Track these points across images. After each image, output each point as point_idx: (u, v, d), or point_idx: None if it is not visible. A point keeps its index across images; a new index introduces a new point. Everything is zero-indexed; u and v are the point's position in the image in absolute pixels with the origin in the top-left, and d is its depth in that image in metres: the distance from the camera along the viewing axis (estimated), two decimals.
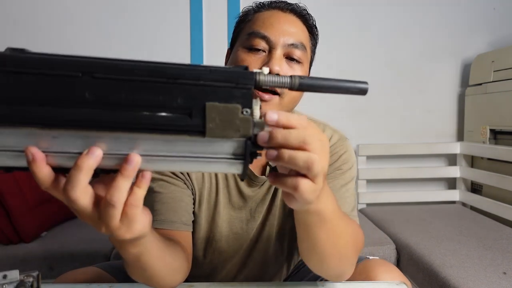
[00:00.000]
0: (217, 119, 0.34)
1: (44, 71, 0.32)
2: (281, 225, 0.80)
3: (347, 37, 2.14)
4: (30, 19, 1.96)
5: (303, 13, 0.74)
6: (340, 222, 0.55)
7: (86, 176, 0.35)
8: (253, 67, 0.69)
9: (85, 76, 0.32)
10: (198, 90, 0.34)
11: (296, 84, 0.38)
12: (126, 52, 2.01)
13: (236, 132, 0.35)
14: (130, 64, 0.34)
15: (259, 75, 0.36)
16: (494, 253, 1.34)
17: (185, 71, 0.34)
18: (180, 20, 2.05)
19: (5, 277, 0.47)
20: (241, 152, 0.36)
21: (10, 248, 1.47)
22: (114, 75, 0.33)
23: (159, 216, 0.70)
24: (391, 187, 2.21)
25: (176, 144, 0.35)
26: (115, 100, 0.33)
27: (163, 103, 0.34)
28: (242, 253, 0.81)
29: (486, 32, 2.20)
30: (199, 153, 0.36)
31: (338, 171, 0.76)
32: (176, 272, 0.61)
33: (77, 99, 0.33)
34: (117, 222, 0.38)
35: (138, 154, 0.35)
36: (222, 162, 0.36)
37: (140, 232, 0.41)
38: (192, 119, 0.34)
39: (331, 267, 0.61)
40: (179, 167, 0.36)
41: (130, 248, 0.46)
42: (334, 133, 0.82)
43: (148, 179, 0.38)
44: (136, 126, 0.34)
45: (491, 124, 1.94)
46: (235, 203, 0.78)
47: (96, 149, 0.34)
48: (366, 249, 1.48)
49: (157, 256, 0.52)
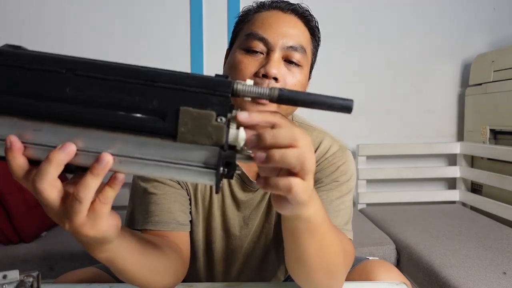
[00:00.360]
0: (190, 124, 0.34)
1: (32, 66, 0.34)
2: (278, 233, 0.79)
3: (347, 37, 2.14)
4: (30, 19, 1.96)
5: (305, 14, 0.72)
6: (329, 233, 0.54)
7: (56, 169, 0.35)
8: (250, 69, 0.67)
9: (68, 72, 0.34)
10: (174, 95, 0.34)
11: (275, 96, 0.37)
12: (126, 52, 2.01)
13: (208, 139, 0.35)
14: (110, 64, 0.35)
15: (237, 84, 0.35)
16: (494, 253, 1.34)
17: (162, 75, 0.35)
18: (180, 20, 2.05)
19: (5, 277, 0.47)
20: (214, 162, 0.35)
21: (10, 248, 1.47)
22: (94, 74, 0.34)
23: (153, 218, 0.69)
24: (391, 187, 2.21)
25: (149, 147, 0.35)
26: (94, 98, 0.34)
27: (138, 105, 0.34)
28: (238, 257, 0.81)
29: (486, 32, 2.20)
30: (171, 159, 0.36)
31: (335, 182, 0.73)
32: (163, 274, 0.59)
33: (58, 94, 0.34)
34: (82, 217, 0.38)
35: (110, 154, 0.35)
36: (193, 170, 0.36)
37: (105, 233, 0.40)
38: (165, 122, 0.34)
39: (318, 282, 0.58)
40: (151, 171, 0.36)
41: (98, 253, 0.45)
42: (334, 143, 0.78)
43: (120, 181, 0.38)
44: (110, 125, 0.35)
45: (491, 124, 1.94)
46: (228, 208, 0.77)
47: (70, 145, 0.35)
48: (366, 249, 1.48)
49: (132, 260, 0.51)
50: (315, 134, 0.78)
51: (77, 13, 1.99)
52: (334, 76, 2.12)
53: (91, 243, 0.43)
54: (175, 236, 0.69)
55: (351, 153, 0.80)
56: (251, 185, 0.75)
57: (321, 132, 0.80)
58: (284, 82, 0.67)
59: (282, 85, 0.66)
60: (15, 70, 0.34)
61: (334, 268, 0.58)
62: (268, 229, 0.79)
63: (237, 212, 0.77)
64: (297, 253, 0.54)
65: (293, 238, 0.52)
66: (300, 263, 0.56)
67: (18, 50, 0.35)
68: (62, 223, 0.39)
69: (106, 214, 0.39)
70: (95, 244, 0.43)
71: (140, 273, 0.54)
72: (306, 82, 0.72)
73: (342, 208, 0.72)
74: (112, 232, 0.42)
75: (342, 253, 0.59)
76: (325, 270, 0.57)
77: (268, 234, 0.79)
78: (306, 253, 0.53)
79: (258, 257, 0.81)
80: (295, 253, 0.55)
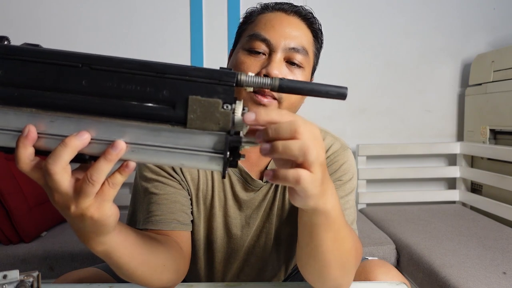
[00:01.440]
0: (198, 111, 0.37)
1: (51, 61, 0.37)
2: (279, 233, 0.79)
3: (347, 37, 2.14)
4: (31, 19, 1.96)
5: (308, 16, 0.72)
6: (344, 229, 0.55)
7: (69, 154, 0.37)
8: (252, 70, 0.67)
9: (84, 66, 0.37)
10: (182, 85, 0.38)
11: (276, 86, 0.40)
12: (126, 52, 2.01)
13: (216, 124, 0.38)
14: (123, 58, 0.38)
15: (241, 75, 0.38)
16: (494, 253, 1.34)
17: (172, 67, 0.38)
18: (180, 20, 2.05)
19: (5, 277, 0.47)
20: (222, 147, 0.38)
21: (10, 248, 1.47)
22: (108, 67, 0.37)
23: (154, 217, 0.69)
24: (391, 187, 2.21)
25: (160, 135, 0.38)
26: (108, 89, 0.37)
27: (150, 95, 0.37)
28: (239, 257, 0.81)
29: (486, 32, 2.20)
30: (181, 145, 0.38)
31: (338, 181, 0.74)
32: (162, 272, 0.59)
33: (75, 87, 0.37)
34: (90, 200, 0.40)
35: (124, 142, 0.38)
36: (203, 155, 0.38)
37: (108, 218, 0.42)
38: (175, 110, 0.38)
39: (331, 279, 0.59)
40: (161, 158, 0.38)
41: (95, 246, 0.46)
42: (335, 141, 0.79)
43: (130, 168, 0.39)
44: (124, 114, 0.37)
45: (491, 124, 1.95)
46: (230, 207, 0.77)
47: (85, 133, 0.37)
48: (366, 249, 1.48)
49: (129, 255, 0.51)
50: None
51: (76, 14, 1.99)
52: (334, 76, 2.12)
53: (91, 231, 0.44)
54: (176, 236, 0.69)
55: (351, 152, 0.80)
56: (254, 184, 0.76)
57: (322, 131, 0.80)
58: None
59: None
60: (35, 65, 0.37)
61: (347, 264, 0.59)
62: (269, 228, 0.79)
63: (239, 211, 0.78)
64: (311, 248, 0.55)
65: (310, 231, 0.53)
66: (314, 258, 0.56)
67: (37, 47, 0.38)
68: (67, 207, 0.40)
69: (112, 198, 0.41)
70: (94, 234, 0.44)
71: (138, 269, 0.54)
72: None
73: (346, 207, 0.73)
74: (112, 220, 0.43)
75: (354, 249, 0.59)
76: (339, 266, 0.57)
77: (269, 233, 0.79)
78: (322, 248, 0.54)
79: (259, 256, 0.81)
80: (310, 248, 0.55)
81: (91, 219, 0.41)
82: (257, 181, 0.76)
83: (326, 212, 0.48)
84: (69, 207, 0.40)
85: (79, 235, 0.46)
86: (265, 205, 0.78)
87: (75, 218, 0.42)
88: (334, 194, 0.49)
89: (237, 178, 0.76)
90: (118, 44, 2.02)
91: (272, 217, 0.78)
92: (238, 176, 0.76)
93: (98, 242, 0.46)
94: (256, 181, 0.75)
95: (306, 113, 0.73)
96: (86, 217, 0.41)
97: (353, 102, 2.16)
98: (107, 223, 0.43)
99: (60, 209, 0.41)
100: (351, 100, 2.15)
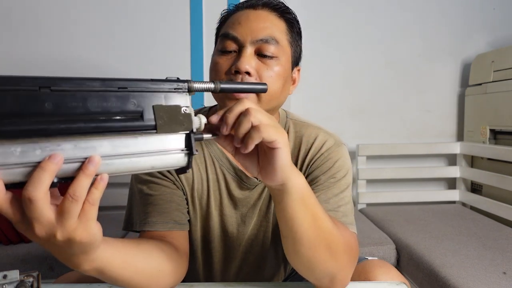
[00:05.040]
0: (165, 117, 0.42)
1: (7, 87, 0.35)
2: (276, 231, 0.79)
3: (347, 37, 2.14)
4: (30, 20, 1.96)
5: (278, 6, 0.72)
6: (320, 208, 0.56)
7: (49, 178, 0.35)
8: (224, 68, 0.68)
9: (43, 89, 0.36)
10: (144, 96, 0.41)
11: (218, 88, 0.48)
12: (126, 53, 2.01)
13: (181, 126, 0.43)
14: (83, 78, 0.39)
15: (190, 83, 0.45)
16: (494, 253, 1.34)
17: (132, 82, 0.41)
18: (180, 20, 2.05)
19: (5, 277, 0.47)
20: (188, 144, 0.43)
21: (10, 248, 1.47)
22: (69, 87, 0.37)
23: (151, 218, 0.69)
24: (391, 187, 2.21)
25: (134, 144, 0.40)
26: (74, 108, 0.38)
27: (116, 109, 0.40)
28: (237, 256, 0.81)
29: (486, 32, 2.20)
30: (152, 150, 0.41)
31: (332, 179, 0.73)
32: (158, 276, 0.59)
33: (38, 110, 0.36)
34: (75, 221, 0.38)
35: (98, 155, 0.38)
36: (176, 154, 0.42)
37: (95, 235, 0.41)
38: (144, 119, 0.41)
39: (320, 261, 0.57)
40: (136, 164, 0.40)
41: (86, 265, 0.45)
42: (329, 137, 0.78)
43: (105, 181, 0.39)
44: (95, 129, 0.38)
45: (491, 124, 1.95)
46: (225, 206, 0.77)
47: (58, 154, 0.36)
48: (366, 249, 1.48)
49: (122, 266, 0.51)
50: (310, 130, 0.79)
51: (76, 14, 1.99)
52: (334, 76, 2.12)
53: (80, 252, 0.43)
54: (173, 236, 0.69)
55: (346, 147, 0.79)
56: (248, 182, 0.76)
57: (316, 128, 0.80)
58: (259, 75, 0.67)
59: (256, 78, 0.67)
60: None
61: (333, 245, 0.57)
62: (266, 227, 0.79)
63: (234, 210, 0.78)
64: (293, 233, 0.54)
65: (287, 215, 0.53)
66: (297, 243, 0.55)
67: None
68: (52, 235, 0.38)
69: (95, 216, 0.40)
70: (83, 254, 0.43)
71: (134, 278, 0.54)
72: (286, 72, 0.71)
73: (342, 204, 0.72)
74: (99, 236, 0.43)
75: (337, 231, 0.58)
76: (324, 246, 0.56)
77: (266, 232, 0.79)
78: (302, 228, 0.54)
79: (256, 255, 0.81)
80: (292, 234, 0.55)
81: (80, 243, 0.40)
82: (251, 179, 0.76)
83: (297, 186, 0.51)
84: (54, 234, 0.38)
85: (67, 262, 0.44)
86: (261, 204, 0.78)
87: (63, 244, 0.40)
88: (301, 175, 0.53)
89: (231, 177, 0.76)
90: (118, 44, 2.01)
91: (269, 216, 0.78)
92: (233, 174, 0.76)
93: (89, 261, 0.45)
94: (251, 179, 0.76)
95: (306, 113, 0.73)
96: (75, 241, 0.39)
97: (353, 102, 2.16)
98: (95, 240, 0.42)
99: (44, 240, 0.39)
100: (351, 100, 2.15)
